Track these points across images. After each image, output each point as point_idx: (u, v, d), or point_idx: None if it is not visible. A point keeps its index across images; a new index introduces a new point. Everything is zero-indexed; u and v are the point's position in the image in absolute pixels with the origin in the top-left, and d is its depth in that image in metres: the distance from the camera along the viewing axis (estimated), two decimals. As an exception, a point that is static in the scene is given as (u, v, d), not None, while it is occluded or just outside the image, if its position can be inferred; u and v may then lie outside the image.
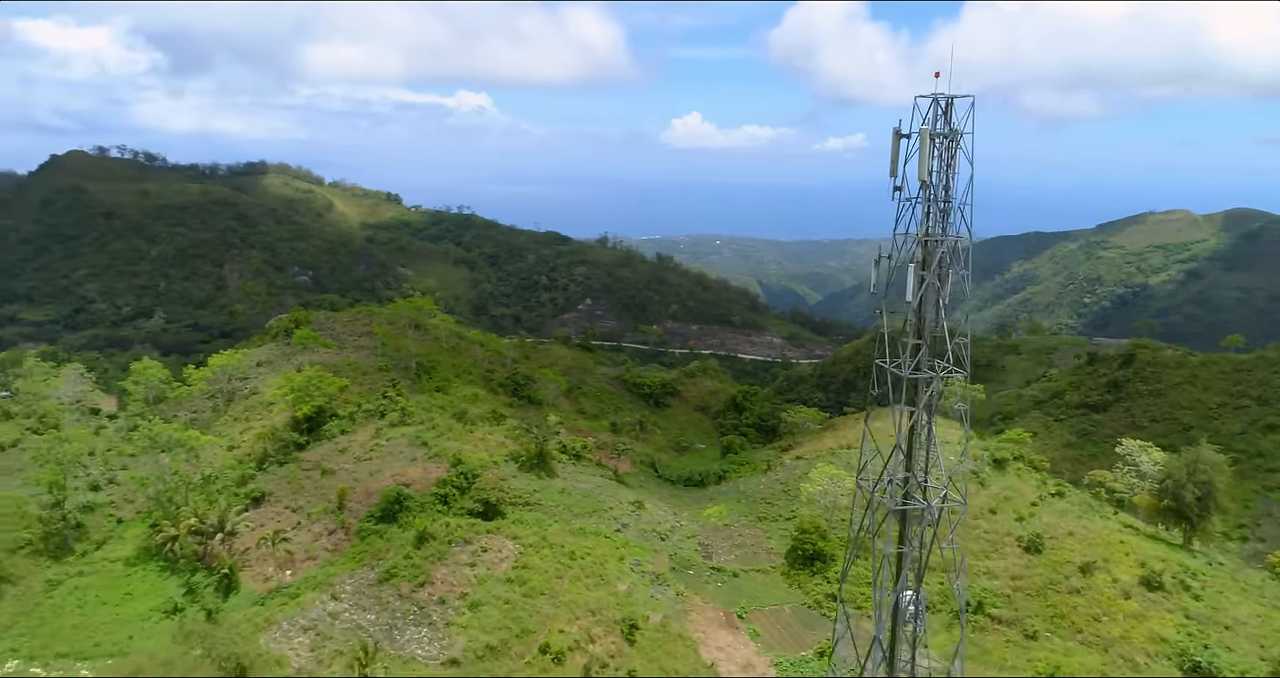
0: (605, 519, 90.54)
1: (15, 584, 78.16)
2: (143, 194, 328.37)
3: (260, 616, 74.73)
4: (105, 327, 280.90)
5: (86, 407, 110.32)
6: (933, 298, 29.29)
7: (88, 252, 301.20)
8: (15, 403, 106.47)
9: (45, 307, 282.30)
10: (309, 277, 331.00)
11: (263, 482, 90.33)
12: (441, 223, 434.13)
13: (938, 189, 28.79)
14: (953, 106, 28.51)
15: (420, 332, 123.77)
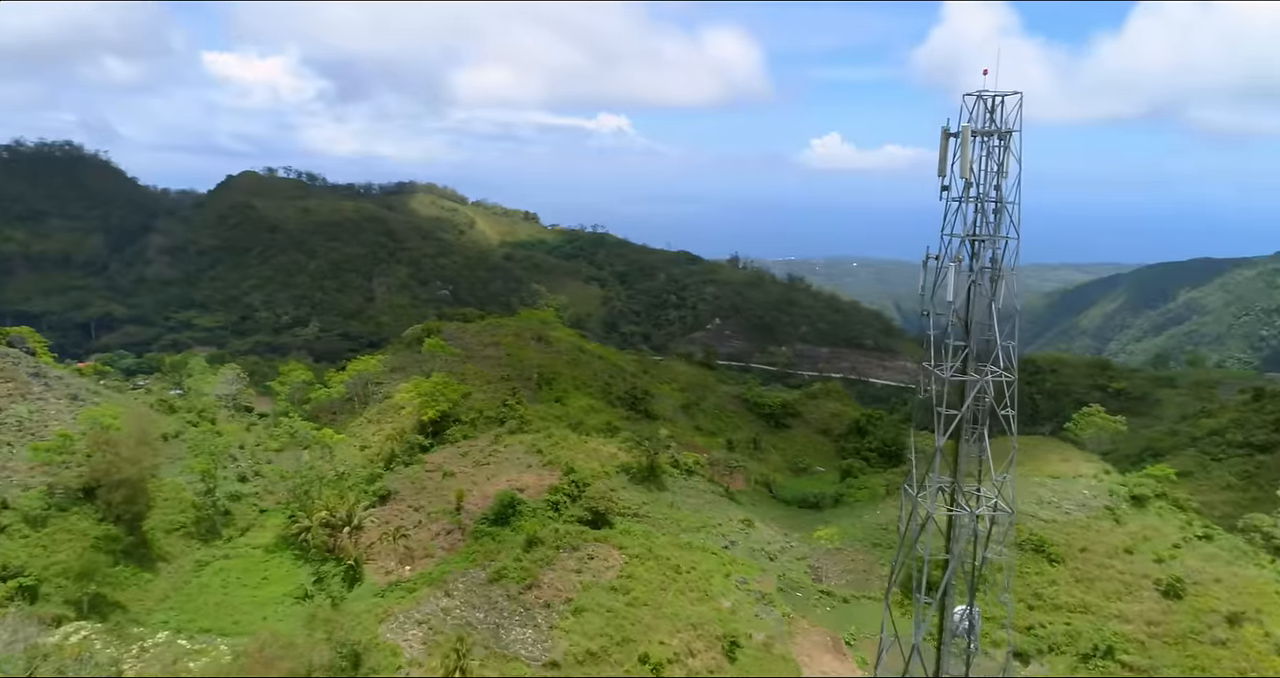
0: (713, 535, 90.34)
1: (169, 563, 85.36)
2: (304, 211, 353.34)
3: (380, 607, 78.74)
4: (267, 333, 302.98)
5: (240, 405, 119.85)
6: (983, 300, 28.19)
7: (254, 264, 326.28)
8: (181, 399, 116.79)
9: (216, 314, 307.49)
10: (449, 291, 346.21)
11: (389, 481, 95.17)
12: (576, 241, 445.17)
13: (987, 189, 27.79)
14: (1002, 105, 27.52)
15: (543, 344, 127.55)
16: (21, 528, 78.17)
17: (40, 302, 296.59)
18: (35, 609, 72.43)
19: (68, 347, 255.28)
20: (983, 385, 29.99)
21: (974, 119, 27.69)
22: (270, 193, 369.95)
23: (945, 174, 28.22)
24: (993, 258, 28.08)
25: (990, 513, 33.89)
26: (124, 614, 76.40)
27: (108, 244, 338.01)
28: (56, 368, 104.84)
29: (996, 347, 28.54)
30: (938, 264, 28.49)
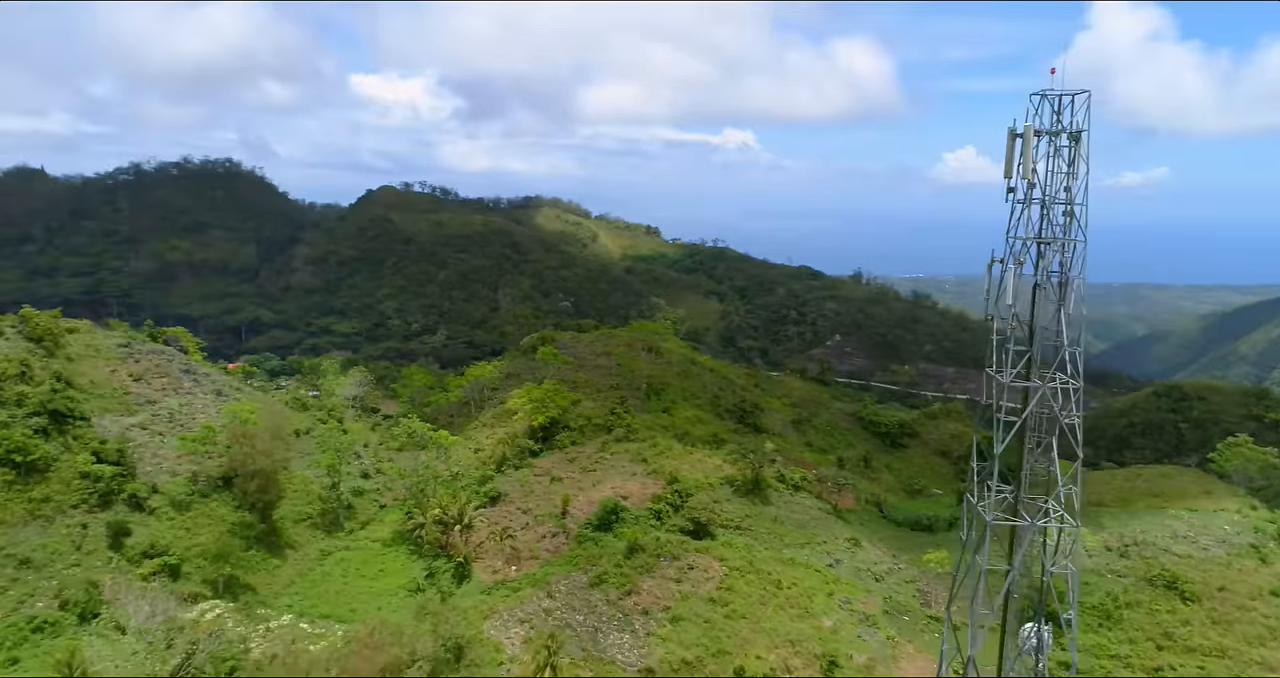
0: (817, 552, 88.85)
1: (296, 550, 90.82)
2: (436, 224, 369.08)
3: (485, 604, 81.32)
4: (398, 340, 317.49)
5: (366, 406, 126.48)
6: (1049, 305, 26.84)
7: (389, 274, 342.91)
8: (315, 399, 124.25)
9: (353, 320, 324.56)
10: (570, 303, 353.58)
11: (500, 483, 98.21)
12: (696, 255, 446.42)
13: (1057, 191, 26.49)
14: (1072, 105, 26.20)
15: (654, 355, 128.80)
16: (168, 511, 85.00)
17: (199, 306, 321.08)
18: (176, 586, 78.54)
19: (221, 348, 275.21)
20: (1045, 392, 28.63)
21: (1039, 119, 26.69)
22: (406, 206, 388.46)
23: (1012, 175, 27.25)
24: (1061, 262, 26.83)
25: (1057, 525, 32.20)
26: (253, 596, 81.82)
27: (259, 254, 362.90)
28: (205, 366, 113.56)
29: (1063, 352, 27.18)
30: (1001, 268, 27.50)
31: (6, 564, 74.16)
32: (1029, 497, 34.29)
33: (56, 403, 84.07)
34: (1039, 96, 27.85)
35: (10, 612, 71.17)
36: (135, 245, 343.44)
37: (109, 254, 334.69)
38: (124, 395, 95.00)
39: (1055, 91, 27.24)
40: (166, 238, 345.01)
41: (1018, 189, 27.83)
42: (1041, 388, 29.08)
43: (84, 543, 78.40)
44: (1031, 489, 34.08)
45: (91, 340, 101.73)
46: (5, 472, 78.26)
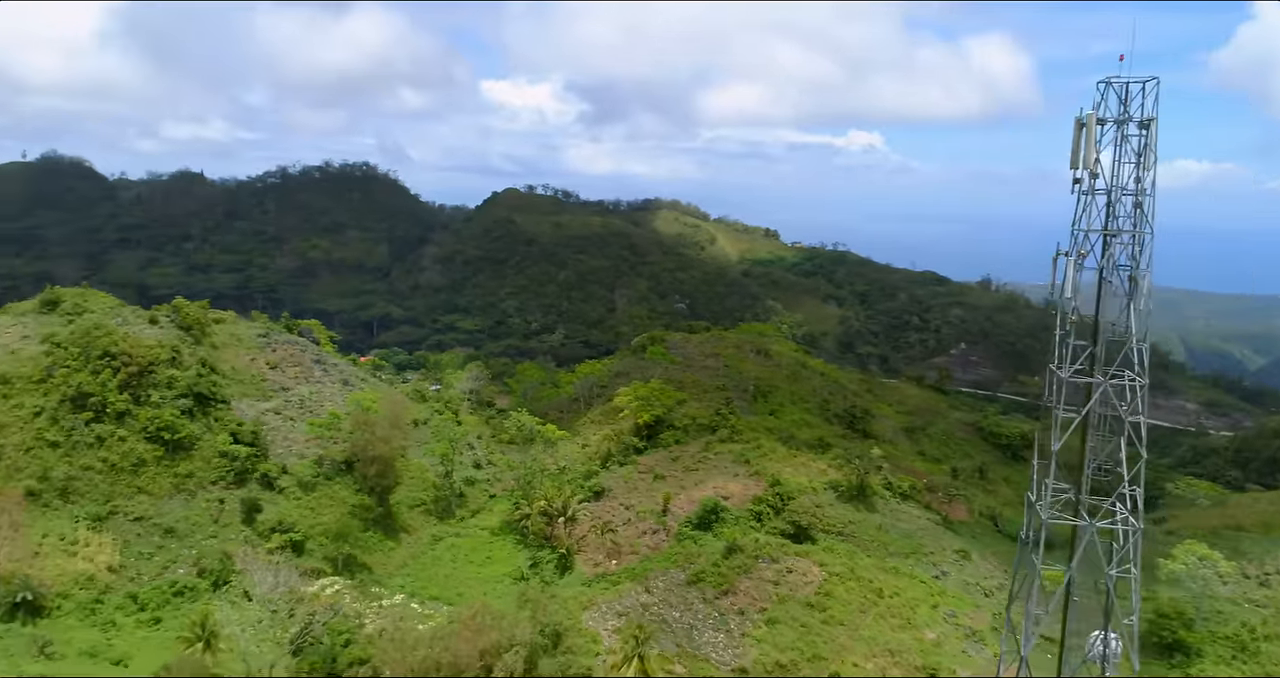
0: (923, 563, 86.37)
1: (410, 534, 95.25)
2: (557, 226, 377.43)
3: (585, 595, 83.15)
4: (518, 338, 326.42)
5: (482, 399, 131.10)
6: (1114, 300, 25.32)
7: (511, 273, 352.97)
8: (435, 392, 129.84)
9: (476, 318, 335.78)
10: (686, 305, 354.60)
11: (604, 478, 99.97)
12: (815, 259, 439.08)
13: (1126, 181, 24.93)
14: (1142, 94, 24.55)
15: (763, 357, 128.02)
16: (295, 491, 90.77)
17: (336, 302, 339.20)
18: (300, 562, 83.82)
19: (354, 342, 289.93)
20: (1108, 390, 27.23)
21: (1104, 108, 25.33)
22: (529, 208, 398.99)
23: (1079, 165, 26.02)
24: (1131, 256, 25.41)
25: (1120, 527, 30.53)
26: (369, 575, 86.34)
27: (391, 253, 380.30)
28: (335, 357, 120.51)
29: (1127, 348, 25.74)
30: (1066, 261, 26.32)
31: (154, 532, 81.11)
32: (1095, 498, 32.86)
33: (201, 386, 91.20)
34: (1105, 84, 26.57)
35: (155, 576, 77.81)
36: (280, 244, 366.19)
37: (257, 252, 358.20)
38: (261, 382, 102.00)
39: (1122, 78, 25.93)
40: (308, 237, 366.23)
41: (1083, 180, 26.67)
42: (1103, 384, 27.76)
43: (220, 517, 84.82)
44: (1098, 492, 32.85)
45: (234, 330, 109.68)
46: (155, 448, 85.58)
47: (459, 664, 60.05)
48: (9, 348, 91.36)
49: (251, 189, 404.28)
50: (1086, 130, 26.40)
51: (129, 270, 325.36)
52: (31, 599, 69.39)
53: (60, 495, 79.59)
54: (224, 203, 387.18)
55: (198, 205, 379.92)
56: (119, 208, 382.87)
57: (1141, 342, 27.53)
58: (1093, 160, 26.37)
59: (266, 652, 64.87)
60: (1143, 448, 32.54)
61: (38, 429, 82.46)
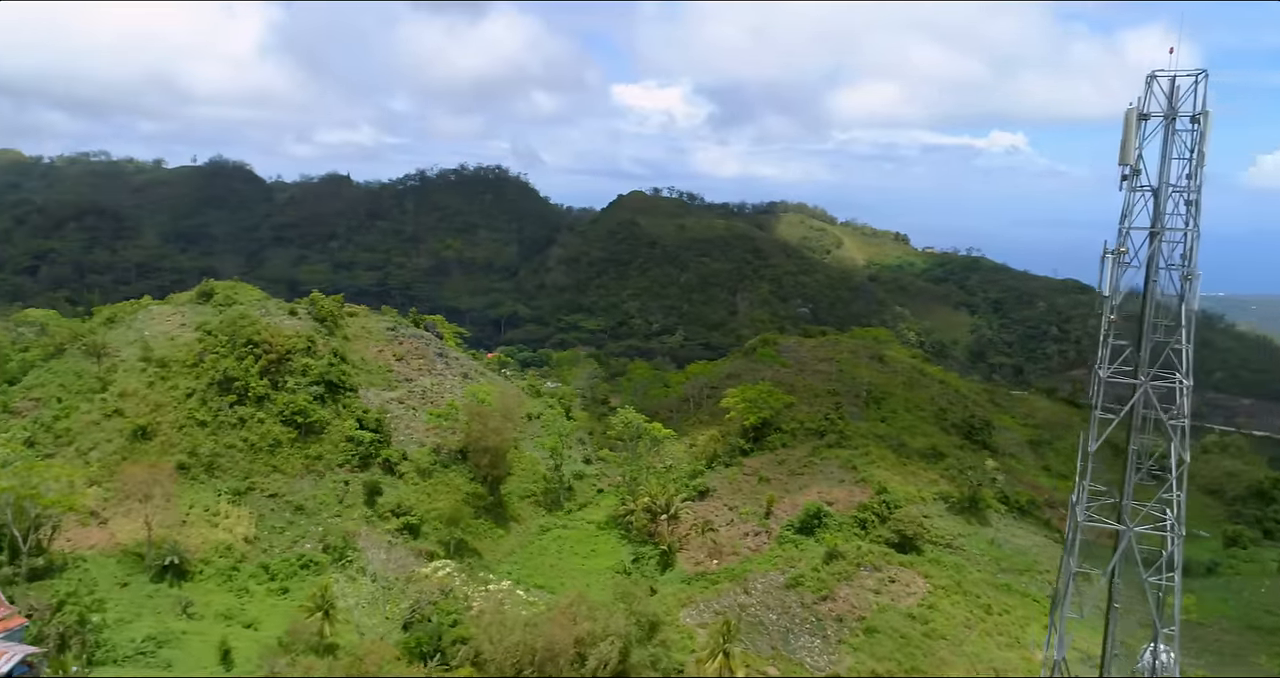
0: (1038, 582, 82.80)
1: (519, 523, 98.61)
2: (680, 228, 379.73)
3: (684, 593, 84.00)
4: (639, 339, 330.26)
5: (595, 397, 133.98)
6: (1158, 299, 23.70)
7: (634, 275, 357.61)
8: (549, 388, 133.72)
9: (599, 318, 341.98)
10: (809, 309, 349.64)
11: (709, 478, 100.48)
12: (946, 265, 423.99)
13: (1178, 178, 23.26)
14: (1193, 87, 22.80)
15: (878, 362, 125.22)
16: (414, 477, 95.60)
17: (467, 300, 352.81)
18: (415, 544, 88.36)
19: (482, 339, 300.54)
20: (1146, 391, 25.69)
21: (1146, 102, 23.84)
22: (653, 211, 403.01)
23: (1130, 160, 24.64)
24: (1183, 254, 23.86)
25: (1159, 532, 28.70)
26: (478, 560, 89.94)
27: (520, 253, 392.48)
28: (457, 351, 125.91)
29: (1168, 349, 24.20)
30: (1108, 259, 25.00)
31: (285, 509, 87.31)
32: (1139, 503, 31.25)
33: (332, 375, 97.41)
34: (1152, 78, 25.12)
35: (285, 549, 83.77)
36: (417, 243, 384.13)
37: (395, 251, 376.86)
38: (387, 372, 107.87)
39: (1167, 72, 24.46)
40: (443, 237, 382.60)
41: (1130, 177, 25.31)
42: (1143, 385, 26.39)
43: (345, 497, 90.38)
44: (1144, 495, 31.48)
45: (366, 323, 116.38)
46: (290, 431, 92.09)
47: (553, 650, 62.00)
48: (169, 335, 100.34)
49: (393, 191, 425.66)
50: (1126, 125, 25.26)
51: (282, 266, 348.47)
52: (178, 563, 76.10)
53: (206, 470, 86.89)
54: (367, 204, 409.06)
55: (344, 206, 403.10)
56: (274, 208, 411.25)
57: (1188, 343, 26.06)
58: (1133, 156, 25.19)
59: (378, 625, 68.83)
60: (1185, 452, 30.70)
61: (189, 409, 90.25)
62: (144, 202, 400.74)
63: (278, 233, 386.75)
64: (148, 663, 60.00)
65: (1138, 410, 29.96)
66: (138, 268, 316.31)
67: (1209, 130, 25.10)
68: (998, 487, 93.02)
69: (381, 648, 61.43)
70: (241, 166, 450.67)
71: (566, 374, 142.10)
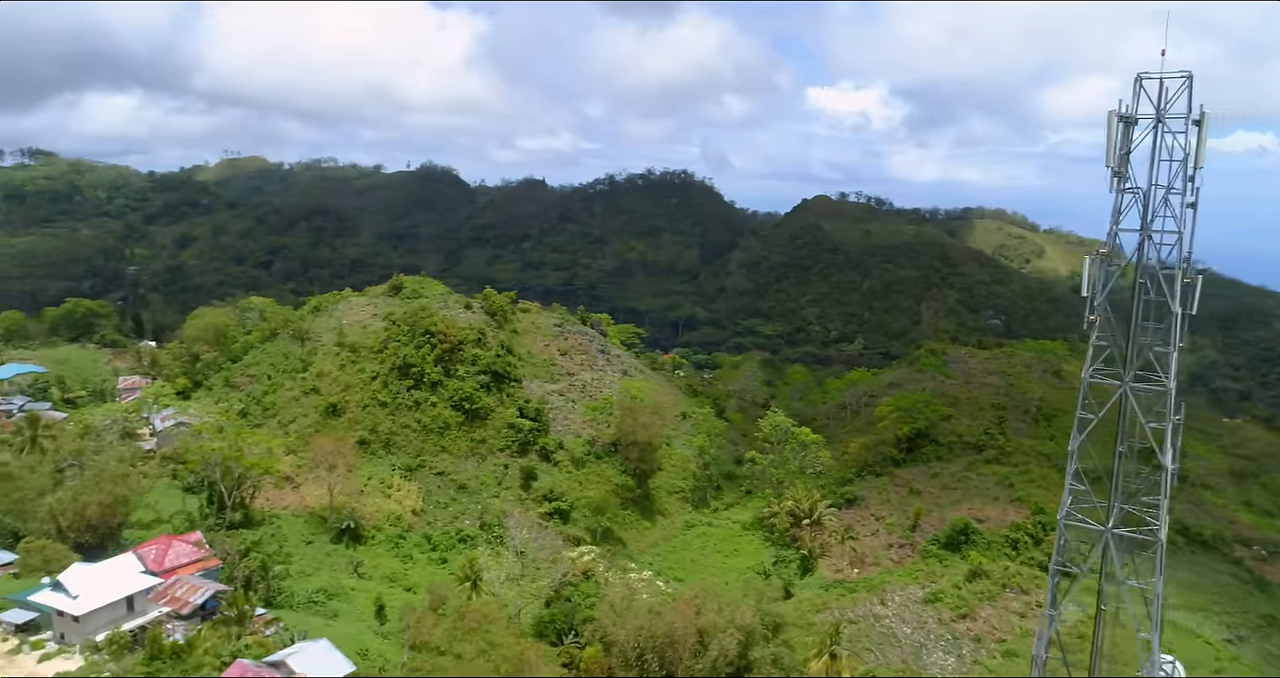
0: (1214, 622, 76.06)
1: (665, 517, 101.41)
2: (865, 233, 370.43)
3: (821, 598, 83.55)
4: (816, 345, 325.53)
5: (750, 399, 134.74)
6: (1145, 300, 21.55)
7: (814, 280, 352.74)
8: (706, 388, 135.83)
9: (776, 323, 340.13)
10: (1001, 321, 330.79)
11: (858, 486, 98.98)
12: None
13: (1170, 179, 21.06)
14: (1178, 88, 20.49)
15: (1055, 377, 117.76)
16: (568, 466, 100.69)
17: (647, 301, 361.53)
18: (564, 528, 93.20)
19: (660, 339, 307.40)
20: (1128, 393, 23.57)
21: (1131, 105, 21.86)
22: (838, 216, 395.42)
23: (1114, 161, 22.78)
24: (1179, 256, 21.79)
25: (1139, 536, 26.15)
26: (622, 549, 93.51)
27: (701, 257, 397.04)
28: (618, 348, 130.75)
29: (1170, 354, 22.02)
30: (1090, 259, 23.29)
31: (449, 486, 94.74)
32: (1132, 507, 29.06)
33: (499, 365, 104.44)
34: (1140, 80, 23.04)
35: (447, 523, 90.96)
36: (603, 245, 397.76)
37: (583, 252, 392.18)
38: (550, 366, 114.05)
39: (1153, 74, 22.43)
40: (627, 239, 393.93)
41: (1121, 176, 23.41)
42: (1123, 387, 24.51)
43: (503, 479, 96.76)
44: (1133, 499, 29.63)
45: (535, 319, 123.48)
46: (458, 415, 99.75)
47: (674, 636, 64.02)
48: (362, 323, 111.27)
49: (583, 195, 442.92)
50: (1108, 127, 23.60)
51: (478, 265, 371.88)
52: (354, 528, 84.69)
53: (384, 447, 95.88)
54: (559, 207, 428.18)
55: (537, 208, 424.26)
56: (475, 210, 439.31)
57: (1175, 347, 24.07)
58: (1114, 158, 23.52)
59: (518, 598, 73.60)
60: (1166, 457, 28.09)
61: (373, 391, 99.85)
62: (364, 203, 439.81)
63: (476, 233, 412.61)
64: (317, 611, 67.52)
65: (1124, 413, 28.25)
66: (353, 263, 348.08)
67: (1205, 133, 23.41)
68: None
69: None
70: (449, 171, 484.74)
71: (726, 376, 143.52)
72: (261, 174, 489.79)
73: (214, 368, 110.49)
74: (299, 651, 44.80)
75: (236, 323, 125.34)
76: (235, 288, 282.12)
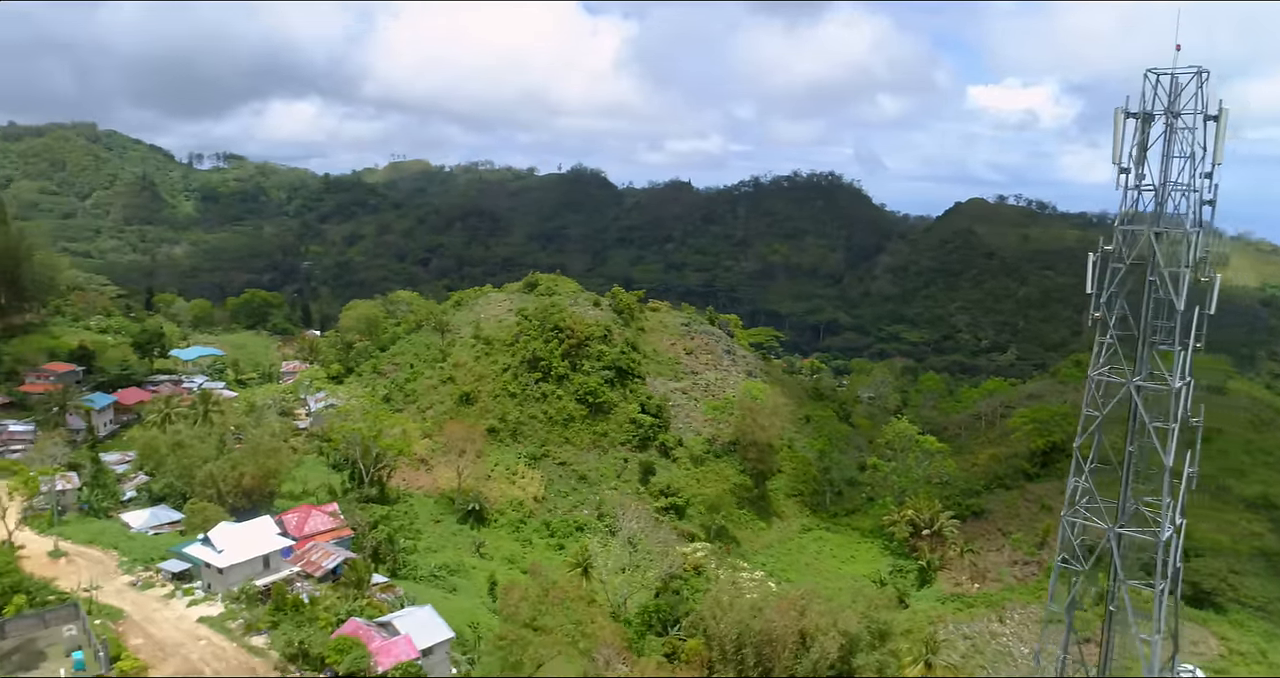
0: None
1: (781, 519, 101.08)
2: (1023, 238, 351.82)
3: (936, 611, 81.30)
4: (965, 354, 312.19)
5: (880, 405, 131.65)
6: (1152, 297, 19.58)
7: (965, 287, 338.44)
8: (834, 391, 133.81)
9: (922, 330, 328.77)
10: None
11: (986, 499, 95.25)
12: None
13: (1180, 176, 18.96)
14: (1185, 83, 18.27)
15: (1216, 395, 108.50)
16: (686, 462, 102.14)
17: (788, 305, 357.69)
18: (679, 524, 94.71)
19: (800, 344, 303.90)
20: (1131, 391, 21.53)
21: (1153, 99, 19.83)
22: (994, 220, 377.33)
23: (1121, 158, 20.88)
24: (1199, 255, 19.74)
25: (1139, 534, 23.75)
26: (736, 548, 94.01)
27: (845, 260, 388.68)
28: (745, 349, 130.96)
29: (1176, 353, 19.98)
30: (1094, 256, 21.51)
31: (570, 477, 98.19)
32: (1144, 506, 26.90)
33: (623, 362, 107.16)
34: (1152, 75, 20.92)
35: (566, 512, 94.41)
36: (745, 247, 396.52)
37: (724, 254, 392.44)
38: (675, 364, 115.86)
39: (1164, 70, 20.34)
40: (770, 242, 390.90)
41: (1129, 173, 21.46)
42: (1128, 384, 22.65)
43: (623, 473, 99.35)
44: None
45: (663, 318, 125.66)
46: (581, 408, 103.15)
47: (772, 635, 64.19)
48: (497, 318, 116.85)
49: (728, 197, 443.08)
50: (1114, 124, 21.79)
51: (621, 265, 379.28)
52: (479, 510, 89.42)
53: (511, 435, 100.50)
54: (703, 209, 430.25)
55: (681, 210, 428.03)
56: (621, 212, 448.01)
57: (1182, 346, 22.10)
58: (1120, 155, 21.74)
59: (625, 586, 75.69)
60: (1167, 456, 25.61)
61: (504, 382, 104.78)
62: (516, 205, 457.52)
63: (622, 234, 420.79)
64: (438, 584, 72.01)
65: (1134, 412, 26.37)
66: (504, 262, 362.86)
67: (1223, 129, 21.54)
68: None
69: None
70: (597, 174, 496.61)
71: (857, 381, 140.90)
72: (424, 176, 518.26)
73: (364, 356, 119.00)
74: (406, 614, 48.45)
75: (386, 315, 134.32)
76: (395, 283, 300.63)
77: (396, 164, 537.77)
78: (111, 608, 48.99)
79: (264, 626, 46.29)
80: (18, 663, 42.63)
